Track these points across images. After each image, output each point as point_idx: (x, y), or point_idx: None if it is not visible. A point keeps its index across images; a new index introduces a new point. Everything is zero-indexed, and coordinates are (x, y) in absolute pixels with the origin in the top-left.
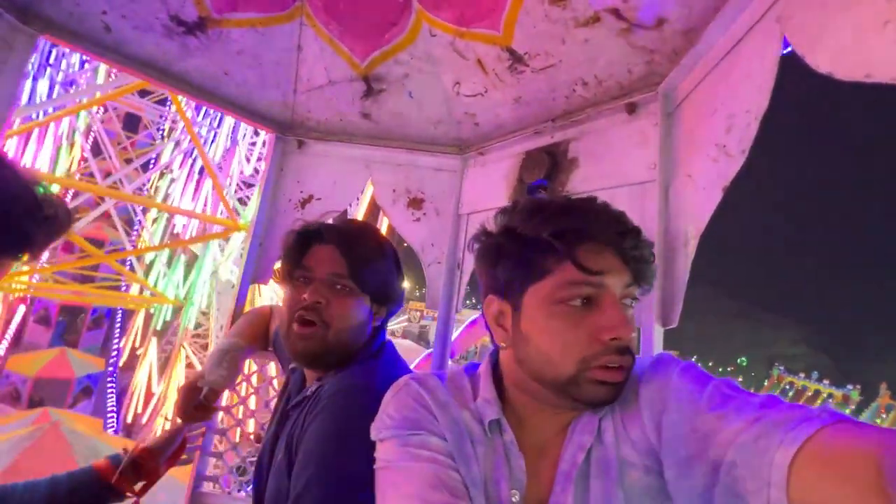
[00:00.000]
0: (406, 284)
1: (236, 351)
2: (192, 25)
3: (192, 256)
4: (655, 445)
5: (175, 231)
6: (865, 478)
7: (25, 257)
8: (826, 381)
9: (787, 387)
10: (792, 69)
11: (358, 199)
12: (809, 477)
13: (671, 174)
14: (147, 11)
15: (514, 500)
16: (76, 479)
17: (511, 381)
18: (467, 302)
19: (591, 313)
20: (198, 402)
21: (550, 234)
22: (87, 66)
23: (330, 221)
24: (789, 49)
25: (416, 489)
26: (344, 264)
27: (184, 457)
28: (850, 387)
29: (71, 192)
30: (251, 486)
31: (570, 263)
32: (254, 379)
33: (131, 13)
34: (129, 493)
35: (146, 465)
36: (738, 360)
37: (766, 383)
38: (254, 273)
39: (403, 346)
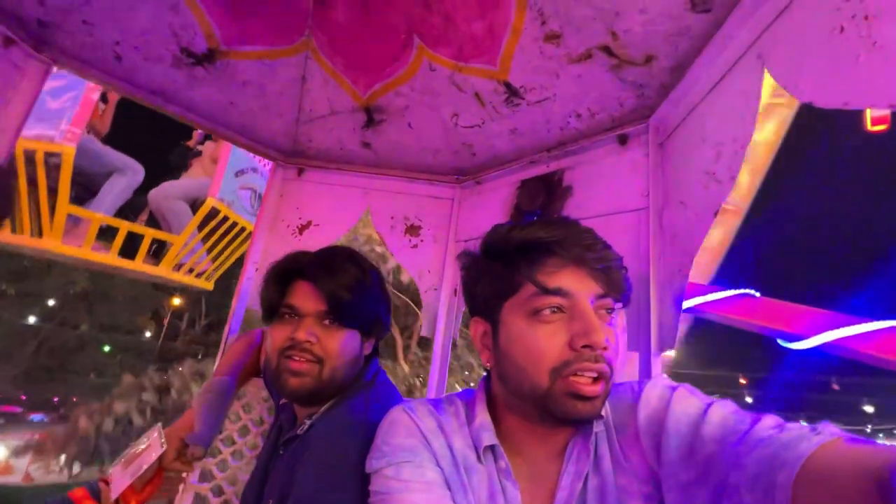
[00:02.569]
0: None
1: (227, 398)
2: (200, 57)
3: None
4: (655, 469)
5: None
6: (868, 493)
7: None
8: None
9: None
10: None
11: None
12: (813, 496)
13: (664, 201)
14: (159, 43)
15: None
16: None
17: (501, 404)
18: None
19: (563, 324)
20: (182, 456)
21: (515, 249)
22: None
23: (313, 252)
24: None
25: None
26: (325, 302)
27: (171, 491)
28: None
29: None
30: None
31: (531, 279)
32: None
33: (143, 44)
34: None
35: (125, 494)
36: None
37: None
38: (250, 298)
39: None
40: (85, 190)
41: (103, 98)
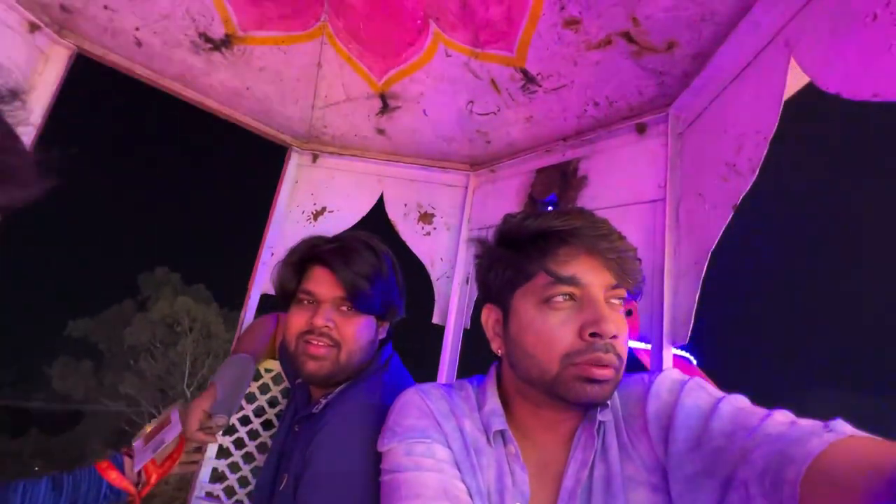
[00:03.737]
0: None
1: (249, 372)
2: (218, 42)
3: None
4: (662, 460)
5: None
6: (877, 493)
7: None
8: None
9: None
10: None
11: None
12: (821, 494)
13: (681, 193)
14: (177, 28)
15: None
16: (78, 479)
17: (511, 390)
18: None
19: (574, 313)
20: (206, 427)
21: (529, 238)
22: None
23: (330, 237)
24: None
25: (423, 499)
26: (343, 289)
27: (191, 461)
28: None
29: None
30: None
31: (544, 268)
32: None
33: (162, 30)
34: (130, 494)
35: (146, 466)
36: None
37: None
38: (265, 283)
39: None
40: None
41: None
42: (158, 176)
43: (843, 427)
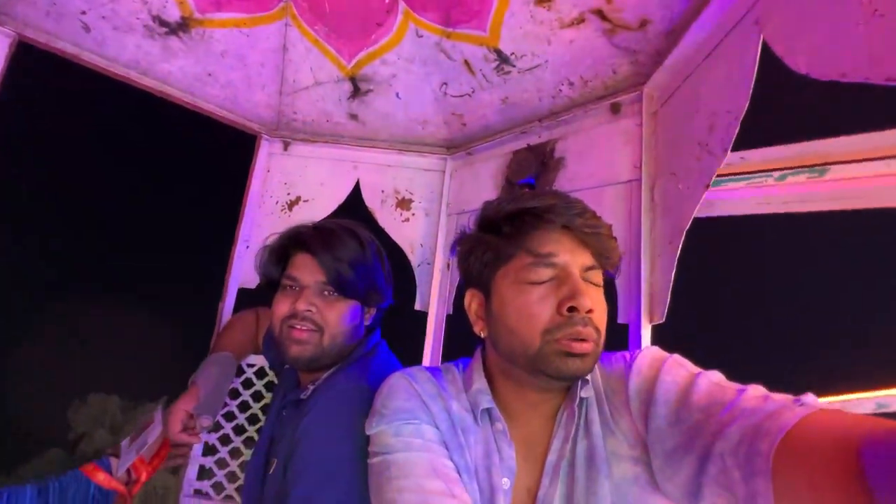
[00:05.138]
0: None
1: (231, 370)
2: (174, 26)
3: None
4: (643, 435)
5: None
6: (846, 465)
7: None
8: None
9: None
10: None
11: None
12: (793, 466)
13: (656, 173)
14: (127, 11)
15: (505, 487)
16: (64, 484)
17: (495, 371)
18: None
19: (553, 289)
20: (189, 428)
21: (507, 219)
22: None
23: (313, 224)
24: None
25: (413, 478)
26: (325, 274)
27: (180, 455)
28: None
29: None
30: (243, 492)
31: (523, 247)
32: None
33: (111, 13)
34: (120, 494)
35: (135, 465)
36: None
37: None
38: (242, 277)
39: None
40: None
41: None
42: (116, 173)
43: (813, 401)
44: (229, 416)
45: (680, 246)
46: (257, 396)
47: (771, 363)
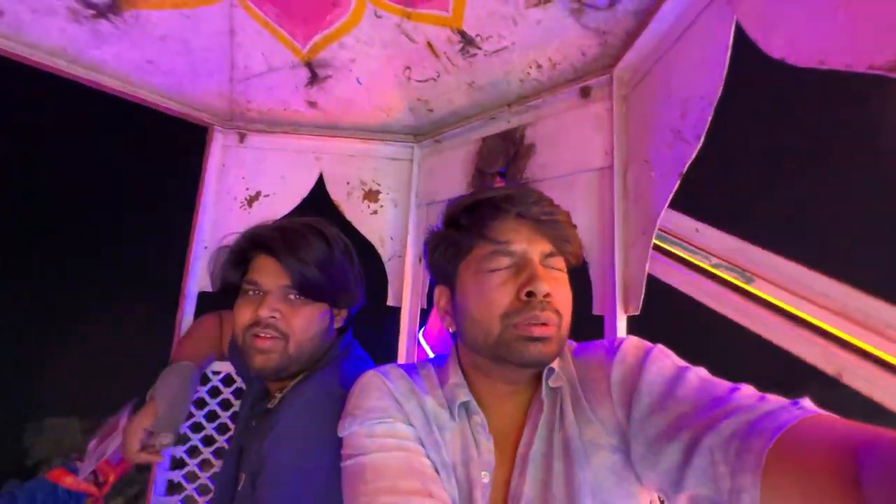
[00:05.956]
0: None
1: (191, 380)
2: (102, 8)
3: None
4: (623, 423)
5: None
6: (842, 473)
7: None
8: None
9: None
10: None
11: None
12: (785, 467)
13: (628, 159)
14: None
15: (484, 481)
16: (31, 490)
17: (468, 366)
18: None
19: (512, 276)
20: (148, 446)
21: (466, 211)
22: None
23: (274, 224)
24: None
25: (388, 479)
26: (289, 277)
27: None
28: None
29: None
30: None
31: (481, 236)
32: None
33: None
34: (91, 495)
35: (100, 467)
36: None
37: None
38: (201, 280)
39: None
40: None
41: None
42: (49, 176)
43: (810, 405)
44: (197, 428)
45: (654, 235)
46: (226, 405)
47: (747, 356)
